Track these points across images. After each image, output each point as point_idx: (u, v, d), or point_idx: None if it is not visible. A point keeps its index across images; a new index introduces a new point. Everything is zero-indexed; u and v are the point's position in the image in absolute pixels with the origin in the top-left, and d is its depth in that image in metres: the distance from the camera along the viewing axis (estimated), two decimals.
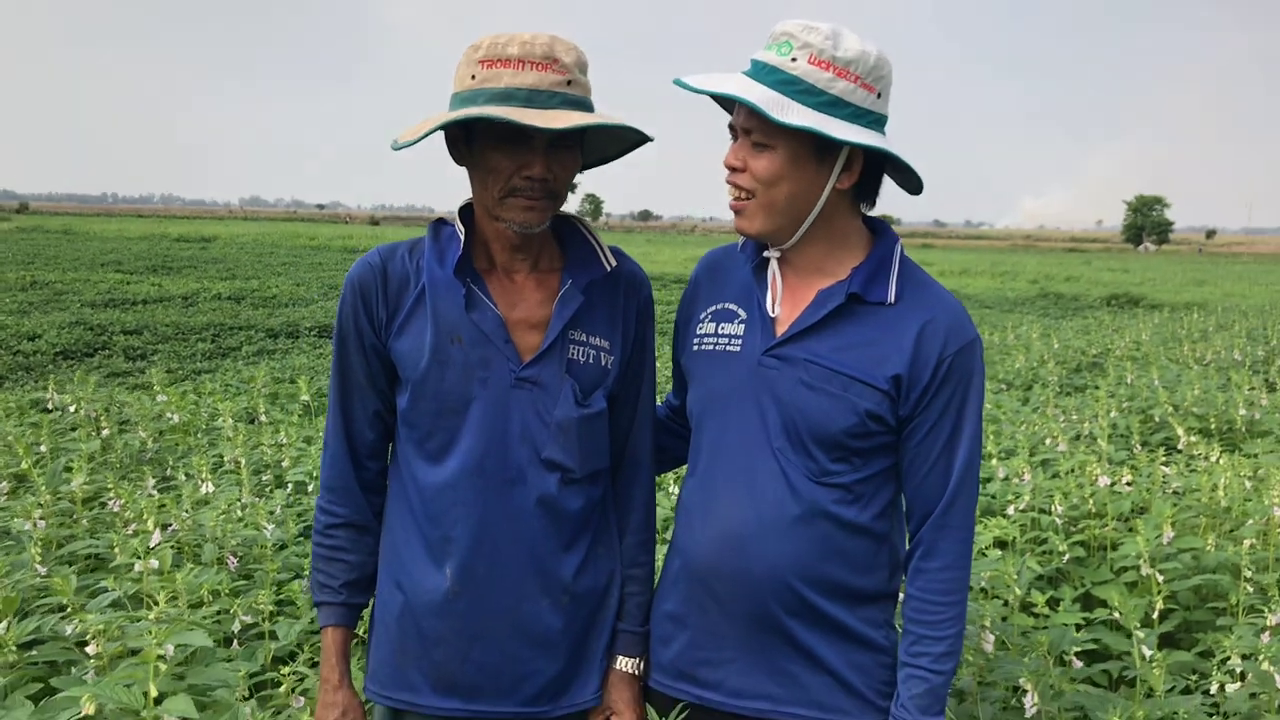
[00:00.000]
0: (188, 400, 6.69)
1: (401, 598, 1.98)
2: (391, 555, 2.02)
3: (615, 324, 2.03)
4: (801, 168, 1.81)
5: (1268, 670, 2.51)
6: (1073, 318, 21.34)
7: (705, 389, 1.98)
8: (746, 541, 1.88)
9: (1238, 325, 14.68)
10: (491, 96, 1.81)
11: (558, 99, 1.82)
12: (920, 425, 1.86)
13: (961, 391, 1.85)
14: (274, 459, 5.08)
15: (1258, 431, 6.56)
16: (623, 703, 2.05)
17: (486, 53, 1.84)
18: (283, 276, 27.41)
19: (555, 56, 1.83)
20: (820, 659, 1.90)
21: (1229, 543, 3.77)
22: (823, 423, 1.84)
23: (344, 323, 1.99)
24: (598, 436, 2.01)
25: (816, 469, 1.86)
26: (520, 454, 1.93)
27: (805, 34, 1.78)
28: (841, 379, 1.84)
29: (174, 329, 15.89)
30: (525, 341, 1.95)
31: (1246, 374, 8.86)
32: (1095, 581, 3.67)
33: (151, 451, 5.33)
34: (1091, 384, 9.44)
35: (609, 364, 2.01)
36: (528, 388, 1.93)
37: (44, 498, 3.53)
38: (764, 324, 1.92)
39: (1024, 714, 2.38)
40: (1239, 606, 3.27)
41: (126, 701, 1.87)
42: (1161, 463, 4.68)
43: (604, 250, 2.04)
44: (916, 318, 1.85)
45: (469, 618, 1.94)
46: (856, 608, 1.91)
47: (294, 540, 3.87)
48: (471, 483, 1.93)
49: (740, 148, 1.84)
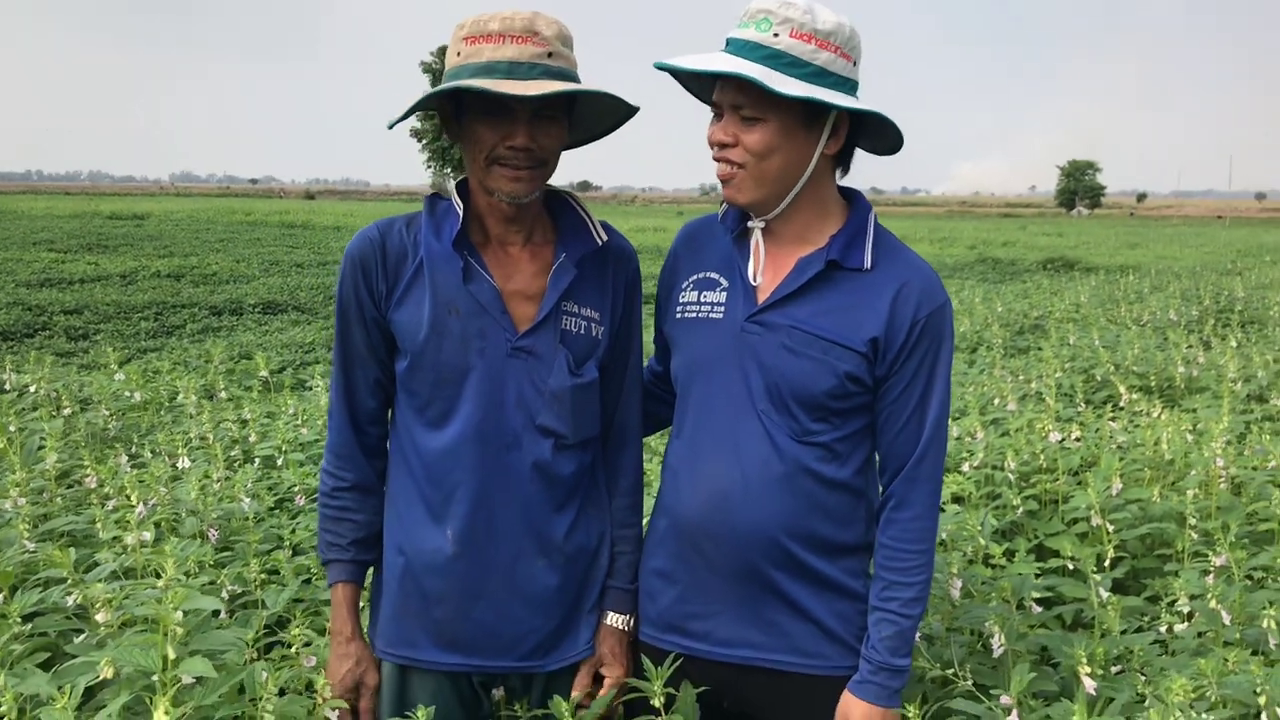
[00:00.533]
0: (147, 378, 6.66)
1: (404, 559, 2.07)
2: (394, 519, 2.09)
3: (605, 296, 2.12)
4: (792, 138, 1.90)
5: (1215, 609, 2.66)
6: (1011, 281, 21.71)
7: (689, 355, 2.06)
8: (733, 499, 1.98)
9: (1172, 287, 15.05)
10: (475, 71, 1.89)
11: (538, 70, 1.89)
12: (895, 385, 1.96)
13: (933, 352, 1.96)
14: (241, 434, 5.10)
15: (1195, 388, 6.79)
16: (612, 655, 2.15)
17: (470, 30, 1.92)
18: (221, 253, 27.04)
19: (535, 29, 1.90)
20: (804, 608, 2.01)
21: (1173, 493, 3.94)
22: (805, 385, 1.94)
23: (344, 296, 2.05)
24: (590, 404, 2.10)
25: (799, 429, 1.97)
26: (516, 420, 2.02)
27: (783, 9, 1.87)
28: (822, 343, 1.94)
29: (115, 308, 15.68)
30: (520, 312, 2.03)
31: (1182, 333, 9.15)
32: (1048, 533, 3.82)
33: (115, 430, 5.32)
34: (1035, 345, 9.68)
35: (599, 335, 2.10)
36: (523, 357, 2.01)
37: (19, 476, 3.54)
38: (746, 292, 2.01)
39: (991, 655, 2.52)
40: (1184, 552, 3.43)
41: (144, 664, 1.93)
42: (1108, 419, 4.86)
43: (595, 224, 2.12)
44: (892, 282, 1.95)
45: (469, 577, 2.03)
46: (837, 559, 2.02)
47: (269, 513, 3.92)
48: (470, 448, 2.01)
49: (729, 123, 1.92)
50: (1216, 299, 12.67)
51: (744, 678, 2.05)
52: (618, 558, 2.21)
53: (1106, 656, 2.42)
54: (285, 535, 3.43)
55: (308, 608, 2.99)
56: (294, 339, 12.81)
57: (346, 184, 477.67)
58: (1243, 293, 12.96)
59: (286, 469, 4.43)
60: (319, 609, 3.00)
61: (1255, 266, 22.36)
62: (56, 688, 1.90)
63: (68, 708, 1.82)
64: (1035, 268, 27.20)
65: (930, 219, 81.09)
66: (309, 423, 5.39)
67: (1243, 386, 6.47)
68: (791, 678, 2.02)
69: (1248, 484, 4.05)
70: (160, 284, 19.33)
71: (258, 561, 2.93)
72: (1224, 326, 10.59)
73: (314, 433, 5.20)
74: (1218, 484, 3.97)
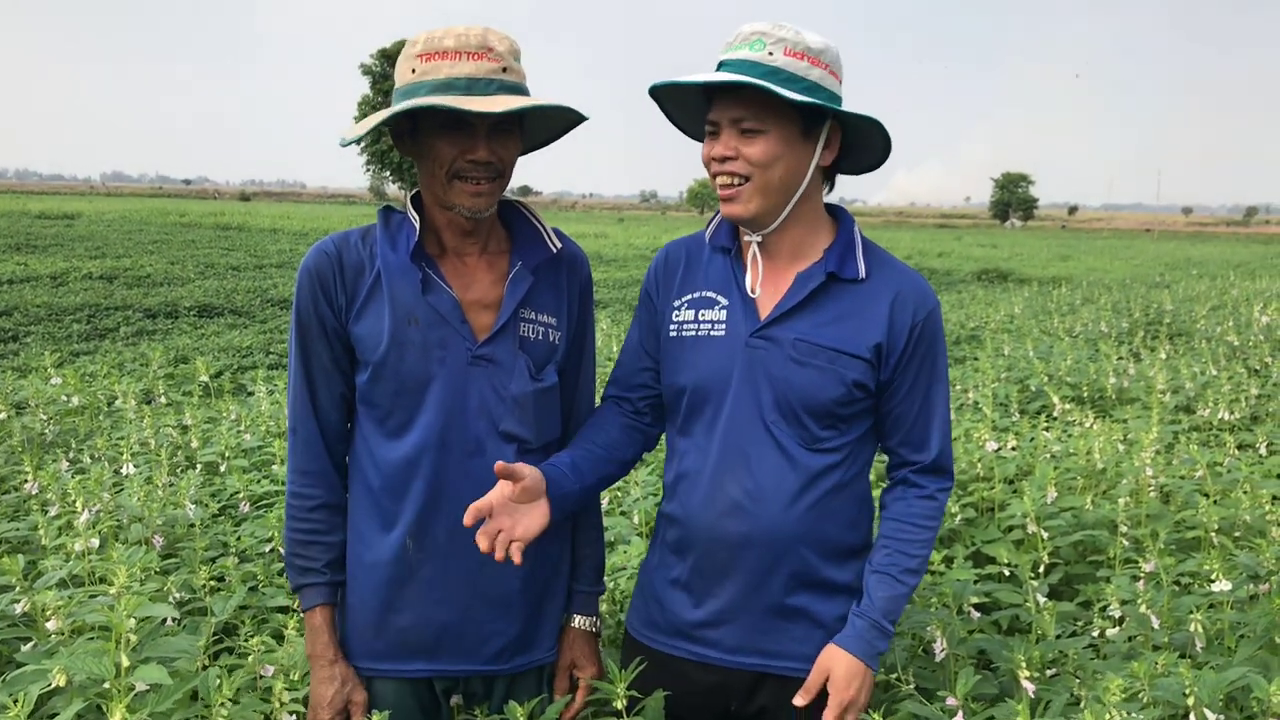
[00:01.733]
0: (86, 383, 6.56)
1: (364, 569, 2.07)
2: (356, 530, 2.10)
3: (561, 302, 2.16)
4: (793, 147, 1.97)
5: (1144, 613, 2.75)
6: (946, 291, 22.04)
7: (694, 372, 2.10)
8: (747, 510, 2.03)
9: (1103, 299, 15.39)
10: (433, 88, 1.91)
11: (495, 85, 1.92)
12: (900, 386, 2.06)
13: (932, 352, 2.07)
14: (182, 440, 5.05)
15: (1126, 398, 6.97)
16: (584, 657, 2.20)
17: (424, 47, 1.94)
18: (155, 255, 26.58)
19: (490, 45, 1.93)
20: (814, 616, 2.07)
21: (1105, 501, 4.05)
22: (814, 394, 2.01)
23: (303, 310, 2.05)
24: (551, 408, 2.14)
25: (808, 437, 2.03)
26: (478, 427, 2.05)
27: (776, 30, 1.95)
28: (828, 353, 2.00)
29: (46, 310, 15.36)
30: (479, 321, 2.06)
31: (1113, 345, 9.37)
32: (985, 540, 3.91)
33: (53, 434, 5.24)
34: (971, 355, 9.86)
35: (556, 340, 2.14)
36: (484, 365, 2.04)
37: None
38: (747, 308, 2.06)
39: (932, 659, 2.58)
40: (1116, 559, 3.53)
41: (97, 672, 1.93)
42: (1042, 429, 4.98)
43: (548, 232, 2.16)
44: (888, 290, 2.05)
45: (432, 584, 2.05)
46: (846, 563, 2.10)
47: (213, 519, 3.90)
48: (432, 456, 2.03)
49: (729, 138, 1.97)
50: (1146, 311, 12.99)
51: (755, 684, 2.10)
52: (581, 561, 2.25)
53: (1043, 660, 2.50)
54: (230, 542, 3.41)
55: (255, 615, 2.99)
56: (231, 343, 12.65)
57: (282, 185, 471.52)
58: (1171, 305, 13.29)
59: (230, 475, 4.40)
60: (266, 616, 2.99)
61: (1183, 280, 22.94)
62: (8, 696, 1.89)
63: (20, 716, 1.81)
64: (970, 278, 27.63)
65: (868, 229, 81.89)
66: (251, 428, 5.36)
67: (1171, 398, 6.65)
68: (797, 683, 2.05)
69: (1176, 493, 4.18)
70: (92, 285, 18.97)
71: (205, 569, 2.92)
72: (1153, 339, 10.87)
73: (256, 438, 5.17)
74: (1147, 492, 4.10)
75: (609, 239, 43.16)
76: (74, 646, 2.15)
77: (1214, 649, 2.69)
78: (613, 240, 42.10)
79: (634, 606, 2.26)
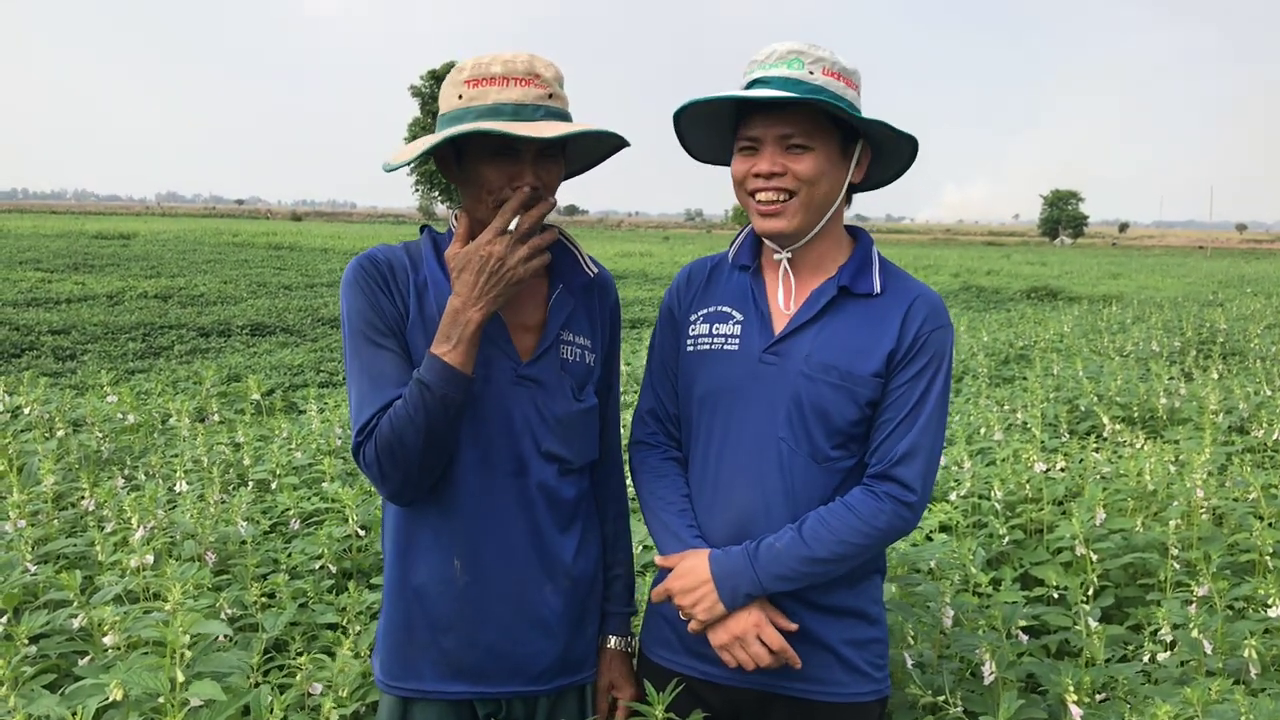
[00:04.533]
0: (140, 401, 6.68)
1: (411, 588, 2.08)
2: (398, 549, 2.11)
3: (595, 325, 2.19)
4: (835, 166, 2.01)
5: (1197, 638, 2.72)
6: (995, 310, 21.85)
7: (705, 386, 2.11)
8: (757, 525, 2.02)
9: (1154, 318, 15.19)
10: (480, 113, 1.93)
11: (541, 111, 1.94)
12: (891, 390, 2.01)
13: (933, 366, 2.01)
14: (234, 458, 5.13)
15: (1178, 419, 6.88)
16: (622, 678, 2.21)
17: (471, 73, 1.97)
18: (208, 274, 27.01)
19: (536, 72, 1.96)
20: (818, 638, 2.05)
21: (1156, 523, 4.01)
22: (826, 411, 2.00)
23: (364, 311, 1.99)
24: (591, 429, 2.16)
25: (819, 454, 2.02)
26: (522, 447, 2.06)
27: (813, 50, 1.97)
28: (839, 370, 2.00)
29: (102, 328, 15.64)
30: (522, 342, 2.08)
31: (1164, 364, 9.25)
32: (1033, 562, 3.88)
33: (108, 452, 5.34)
34: (1019, 375, 9.78)
35: (592, 362, 2.16)
36: (528, 385, 2.06)
37: (19, 498, 3.57)
38: (762, 323, 2.07)
39: (980, 682, 2.57)
40: (1167, 582, 3.49)
41: (153, 687, 1.97)
42: (1092, 450, 4.93)
43: (584, 256, 2.19)
44: (901, 302, 2.03)
45: (478, 604, 2.06)
46: (854, 584, 2.07)
47: (264, 536, 3.96)
48: (478, 475, 2.04)
49: (774, 154, 1.98)
50: (1198, 330, 12.81)
51: (759, 704, 2.09)
52: (613, 581, 2.26)
53: (1093, 685, 2.48)
54: (281, 559, 3.47)
55: (305, 631, 3.03)
56: (283, 361, 12.82)
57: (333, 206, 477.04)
58: (1224, 324, 13.09)
59: (280, 493, 4.46)
60: (316, 632, 3.04)
61: (1236, 298, 22.57)
62: (68, 709, 1.93)
63: None
64: (1019, 296, 27.38)
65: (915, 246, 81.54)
66: (302, 446, 5.43)
67: (1224, 418, 6.56)
68: (807, 704, 2.05)
69: (1229, 515, 4.12)
70: (147, 304, 19.30)
71: (257, 585, 2.97)
72: (1205, 358, 10.72)
73: (307, 456, 5.24)
74: (1199, 515, 4.04)
75: (654, 257, 43.23)
76: (130, 661, 2.20)
77: (1270, 675, 2.66)
78: (658, 259, 42.17)
79: (645, 625, 2.26)
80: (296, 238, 50.68)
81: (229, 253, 37.74)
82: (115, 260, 30.65)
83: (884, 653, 2.12)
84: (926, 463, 2.00)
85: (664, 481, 2.17)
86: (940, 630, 2.85)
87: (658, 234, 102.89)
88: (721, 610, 1.97)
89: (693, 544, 2.06)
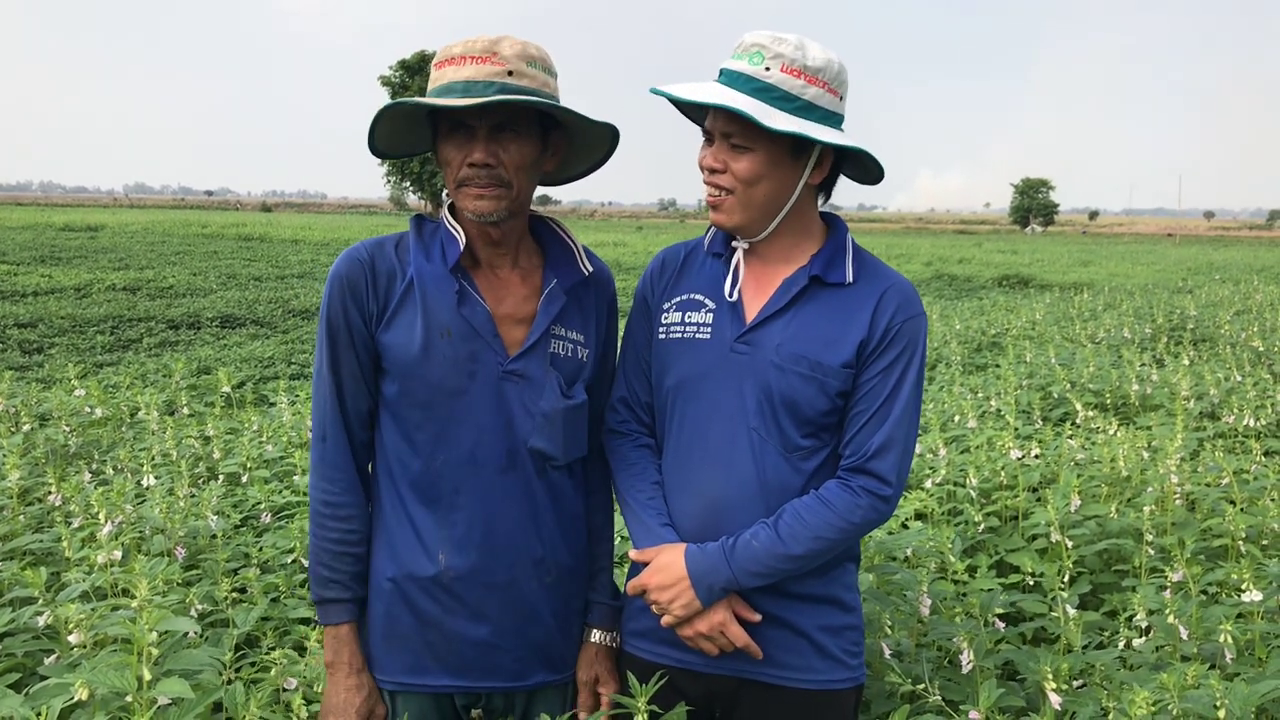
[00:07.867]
0: (108, 394, 6.59)
1: (395, 584, 2.05)
2: (383, 544, 2.08)
3: (589, 320, 2.16)
4: (779, 167, 1.96)
5: (1172, 623, 2.72)
6: (967, 298, 21.95)
7: (677, 374, 2.09)
8: (725, 514, 2.01)
9: (1125, 305, 15.29)
10: (436, 93, 1.94)
11: (494, 88, 1.90)
12: (864, 382, 1.99)
13: (906, 356, 1.98)
14: (204, 451, 5.07)
15: (1149, 405, 6.92)
16: (606, 673, 2.18)
17: (439, 56, 1.98)
18: (178, 266, 26.79)
19: (496, 50, 1.93)
20: (792, 624, 2.03)
21: (1130, 509, 4.02)
22: (796, 401, 1.98)
23: (333, 318, 2.03)
24: (579, 426, 2.13)
25: (789, 444, 2.00)
26: (509, 443, 2.03)
27: (775, 45, 1.92)
28: (809, 360, 1.98)
29: (70, 321, 15.48)
30: (511, 336, 2.05)
31: (1136, 351, 9.31)
32: (1008, 549, 3.89)
33: (76, 446, 5.27)
34: (992, 363, 9.82)
35: (585, 358, 2.13)
36: (515, 380, 2.03)
37: None
38: (734, 312, 2.05)
39: (958, 670, 2.56)
40: (1142, 568, 3.51)
41: (119, 686, 1.93)
42: (1066, 436, 4.95)
43: (580, 252, 2.16)
44: (873, 291, 2.01)
45: (464, 598, 2.04)
46: (827, 571, 2.05)
47: (235, 530, 3.91)
48: (463, 471, 2.02)
49: (720, 150, 1.97)
50: (1169, 317, 12.90)
51: (736, 690, 2.07)
52: (598, 574, 2.24)
53: (1070, 672, 2.47)
54: (253, 553, 3.42)
55: (277, 626, 2.99)
56: (254, 353, 12.71)
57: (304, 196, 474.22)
58: (1194, 311, 13.19)
59: (251, 486, 4.41)
60: (288, 627, 3.00)
61: (1205, 284, 22.77)
62: (32, 709, 1.89)
63: None
64: (991, 284, 27.52)
65: (887, 235, 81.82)
66: (273, 439, 5.37)
67: (1195, 404, 6.61)
68: (781, 691, 2.04)
69: (1202, 500, 4.14)
70: (115, 297, 19.10)
71: (227, 581, 2.92)
72: (1176, 344, 10.79)
73: (278, 449, 5.18)
74: (1173, 500, 4.06)
75: (628, 247, 43.19)
76: (96, 659, 2.15)
77: (1244, 660, 2.67)
78: (632, 249, 42.13)
79: (622, 617, 2.24)
80: (266, 229, 50.24)
81: (198, 244, 37.41)
82: (83, 252, 30.32)
83: (859, 640, 2.11)
84: (901, 455, 1.99)
85: (635, 470, 2.15)
86: (918, 619, 2.84)
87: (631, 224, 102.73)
88: (698, 607, 1.97)
89: (663, 535, 2.04)
